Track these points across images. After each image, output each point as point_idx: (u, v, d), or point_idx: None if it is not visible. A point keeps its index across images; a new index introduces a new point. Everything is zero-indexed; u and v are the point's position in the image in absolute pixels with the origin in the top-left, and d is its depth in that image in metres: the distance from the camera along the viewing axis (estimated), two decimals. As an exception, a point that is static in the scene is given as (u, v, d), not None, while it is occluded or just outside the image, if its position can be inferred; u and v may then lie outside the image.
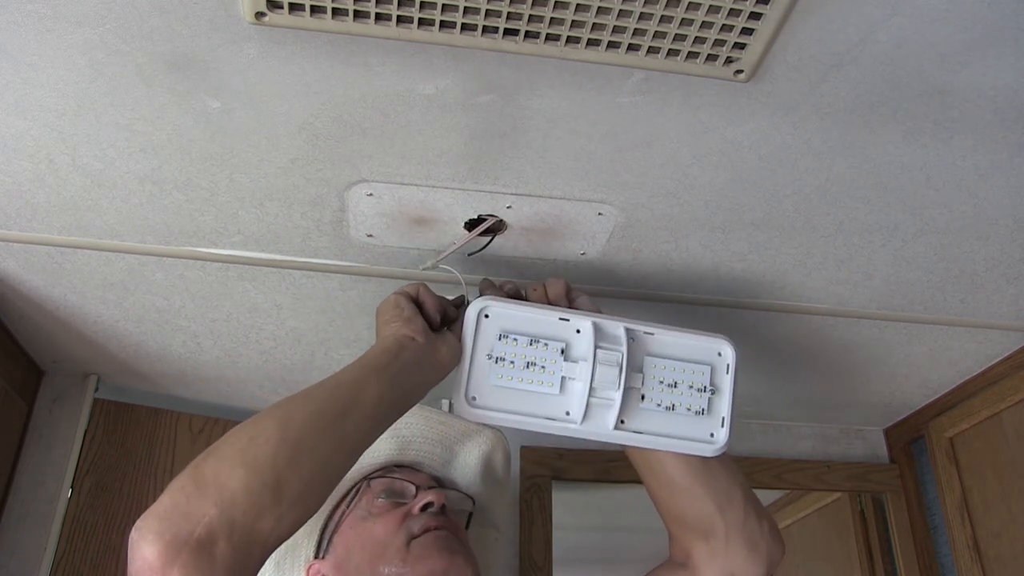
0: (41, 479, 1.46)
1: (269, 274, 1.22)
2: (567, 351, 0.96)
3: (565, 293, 1.00)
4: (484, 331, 0.96)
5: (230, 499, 0.72)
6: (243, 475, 0.73)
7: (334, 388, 0.84)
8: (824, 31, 0.79)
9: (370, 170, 0.99)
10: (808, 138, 0.93)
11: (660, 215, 1.07)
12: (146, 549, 0.69)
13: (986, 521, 1.51)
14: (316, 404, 0.81)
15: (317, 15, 0.76)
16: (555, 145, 0.95)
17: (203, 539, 0.70)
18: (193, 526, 0.70)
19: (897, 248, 1.14)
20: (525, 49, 0.80)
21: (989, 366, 1.48)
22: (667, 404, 0.96)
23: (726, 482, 0.98)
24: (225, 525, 0.71)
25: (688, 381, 0.97)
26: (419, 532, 0.96)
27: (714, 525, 0.96)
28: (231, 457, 0.75)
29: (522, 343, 0.95)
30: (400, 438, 1.09)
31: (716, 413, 0.98)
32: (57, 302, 1.30)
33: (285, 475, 0.75)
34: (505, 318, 0.96)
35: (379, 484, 1.04)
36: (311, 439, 0.78)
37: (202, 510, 0.71)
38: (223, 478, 0.73)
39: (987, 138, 0.93)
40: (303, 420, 0.79)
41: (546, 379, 0.95)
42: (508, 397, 0.95)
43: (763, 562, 0.96)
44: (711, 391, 0.98)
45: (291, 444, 0.77)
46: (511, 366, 0.95)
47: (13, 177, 1.02)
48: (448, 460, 1.12)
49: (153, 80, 0.86)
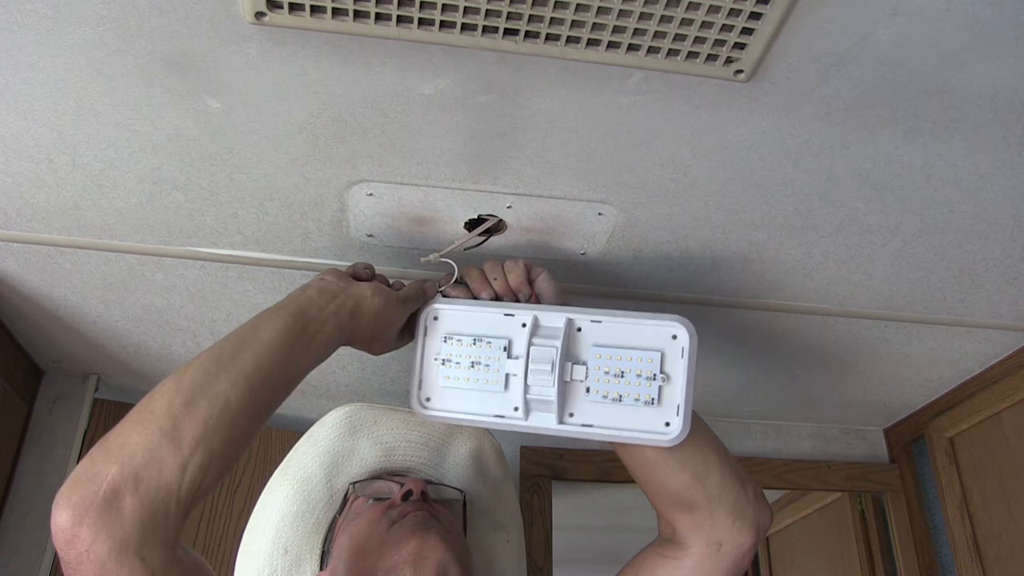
0: (41, 479, 1.46)
1: (269, 274, 1.22)
2: (510, 347, 0.95)
3: (525, 277, 0.99)
4: (431, 334, 0.99)
5: (130, 454, 0.75)
6: (141, 430, 0.76)
7: (230, 336, 0.85)
8: (824, 31, 0.79)
9: (370, 170, 0.99)
10: (808, 138, 0.93)
11: (660, 215, 1.07)
12: (58, 515, 0.72)
13: (986, 521, 1.51)
14: (212, 350, 0.83)
15: (317, 15, 0.76)
16: (555, 145, 0.95)
17: (108, 496, 0.72)
18: (97, 486, 0.73)
19: (897, 248, 1.14)
20: (525, 49, 0.80)
21: (989, 366, 1.48)
22: (613, 395, 0.93)
23: (702, 450, 0.95)
24: (129, 480, 0.73)
25: (636, 369, 0.92)
26: (398, 518, 0.96)
27: (694, 496, 0.94)
28: (132, 417, 0.78)
29: (466, 343, 0.96)
30: (383, 444, 1.09)
31: (669, 401, 0.92)
32: (57, 302, 1.30)
33: (181, 420, 0.77)
34: (451, 320, 0.98)
35: (367, 488, 1.04)
36: (204, 380, 0.80)
37: (105, 470, 0.74)
38: (123, 437, 0.76)
39: (987, 138, 0.93)
40: (198, 365, 0.81)
41: (491, 377, 0.95)
42: (457, 397, 0.97)
43: (751, 529, 0.94)
44: (662, 379, 0.92)
45: (185, 390, 0.79)
46: (456, 367, 0.96)
47: (13, 177, 1.02)
48: (437, 462, 1.12)
49: (153, 80, 0.86)
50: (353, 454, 1.08)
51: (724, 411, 1.71)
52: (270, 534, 1.02)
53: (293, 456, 1.09)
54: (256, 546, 1.02)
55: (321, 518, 1.04)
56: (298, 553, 1.01)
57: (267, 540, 1.02)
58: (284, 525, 1.02)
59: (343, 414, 1.10)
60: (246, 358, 0.83)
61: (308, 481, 1.05)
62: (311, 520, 1.03)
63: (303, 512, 1.03)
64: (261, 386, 0.83)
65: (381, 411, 1.11)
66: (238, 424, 0.81)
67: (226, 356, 0.82)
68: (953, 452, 1.60)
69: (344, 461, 1.07)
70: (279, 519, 1.03)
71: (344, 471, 1.07)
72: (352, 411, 1.10)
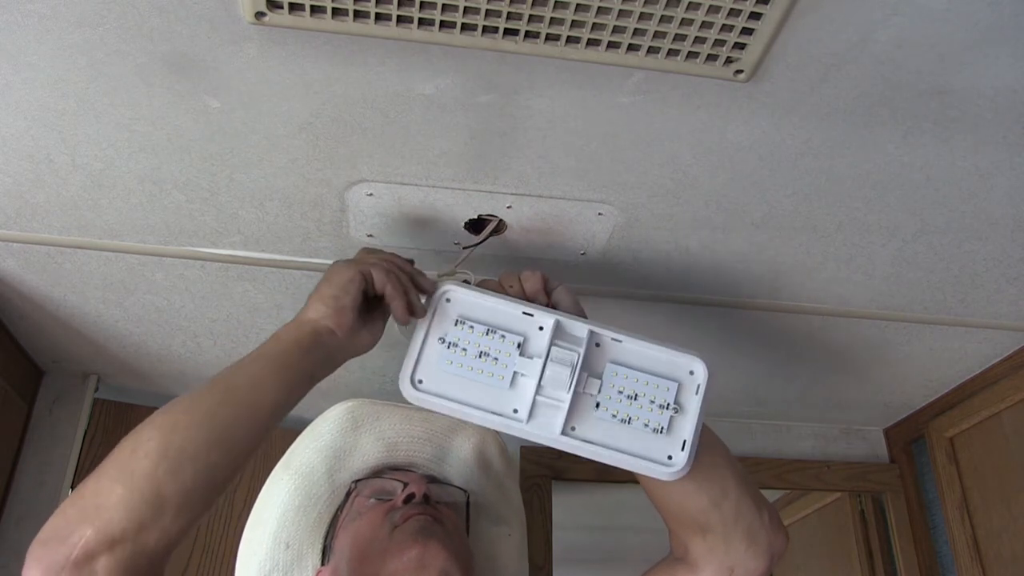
0: (41, 479, 1.46)
1: (269, 274, 1.22)
2: (524, 346, 0.90)
3: (542, 287, 0.95)
4: (441, 314, 0.92)
5: (107, 518, 0.71)
6: (121, 492, 0.72)
7: (227, 392, 0.80)
8: (824, 31, 0.79)
9: (370, 170, 0.99)
10: (808, 138, 0.93)
11: (660, 215, 1.07)
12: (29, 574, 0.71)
13: (986, 521, 1.51)
14: (204, 410, 0.78)
15: (317, 15, 0.76)
16: (555, 145, 0.95)
17: (79, 560, 0.70)
18: (70, 549, 0.70)
19: (897, 248, 1.14)
20: (525, 49, 0.80)
21: (989, 366, 1.48)
22: (623, 416, 0.89)
23: (720, 474, 0.93)
24: (104, 543, 0.71)
25: (651, 395, 0.90)
26: (400, 522, 0.95)
27: (709, 520, 0.92)
28: (110, 473, 0.74)
29: (478, 331, 0.91)
30: (385, 440, 1.08)
31: (677, 434, 0.89)
32: (57, 302, 1.30)
33: (166, 488, 0.73)
34: (466, 305, 0.92)
35: (369, 486, 1.04)
36: (194, 449, 0.75)
37: (79, 532, 0.71)
38: (101, 497, 0.72)
39: (987, 138, 0.93)
40: (187, 428, 0.76)
41: (497, 371, 0.90)
42: (455, 384, 0.91)
43: (764, 555, 0.93)
44: (675, 409, 0.89)
45: (173, 456, 0.74)
46: (463, 353, 0.91)
47: (13, 177, 1.02)
48: (440, 457, 1.11)
49: (153, 80, 0.86)
50: (355, 449, 1.07)
51: (724, 411, 1.71)
52: (271, 528, 1.02)
53: (295, 450, 1.08)
54: (258, 540, 1.02)
55: (323, 512, 1.04)
56: (300, 548, 1.01)
57: (268, 534, 1.02)
58: (286, 520, 1.02)
59: (345, 409, 1.09)
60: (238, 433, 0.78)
61: (310, 476, 1.05)
62: (313, 515, 1.03)
63: (305, 507, 1.03)
64: (248, 455, 0.80)
65: (384, 406, 1.11)
66: (221, 488, 0.79)
67: (220, 424, 0.78)
68: (953, 452, 1.59)
69: (346, 456, 1.07)
70: (281, 513, 1.02)
71: (346, 466, 1.06)
72: (355, 406, 1.10)
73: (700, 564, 0.94)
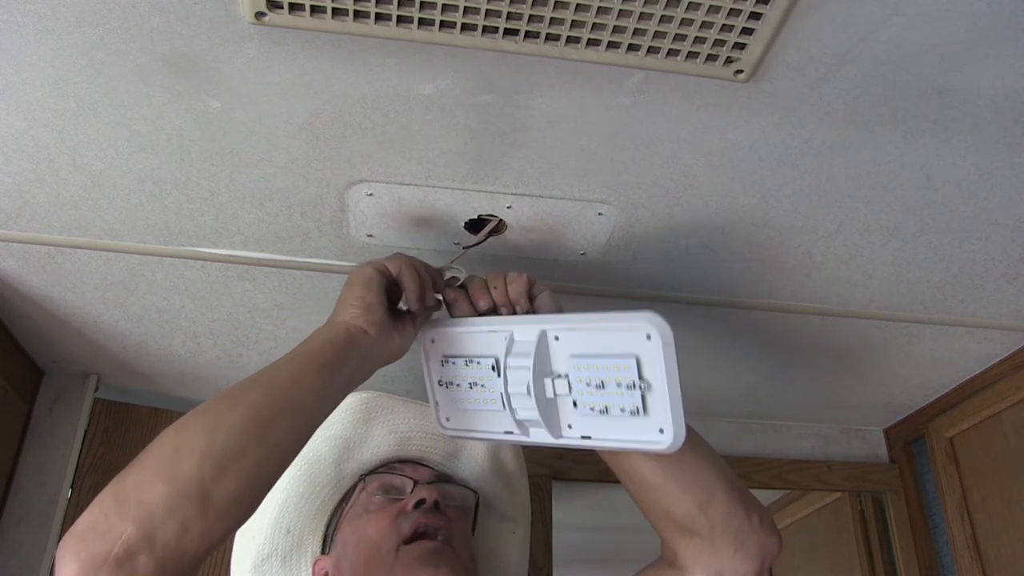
0: (41, 479, 1.46)
1: (269, 274, 1.22)
2: (498, 366, 0.90)
3: (526, 290, 0.93)
4: (431, 358, 0.96)
5: (149, 515, 0.69)
6: (164, 490, 0.70)
7: (269, 389, 0.79)
8: (824, 31, 0.79)
9: (370, 170, 0.99)
10: (808, 138, 0.93)
11: (660, 215, 1.07)
12: (64, 570, 0.67)
13: (986, 521, 1.51)
14: (247, 408, 0.76)
15: (317, 15, 0.76)
16: (555, 145, 0.95)
17: (121, 557, 0.67)
18: (111, 545, 0.67)
19: (897, 248, 1.14)
20: (525, 49, 0.80)
21: (989, 366, 1.48)
22: (600, 407, 0.86)
23: (705, 476, 0.91)
24: (144, 541, 0.68)
25: (614, 379, 0.84)
26: (408, 534, 0.94)
27: (696, 524, 0.90)
28: (153, 469, 0.72)
29: (460, 365, 0.93)
30: (398, 433, 1.08)
31: (656, 408, 0.83)
32: (57, 302, 1.30)
33: (210, 487, 0.71)
34: (445, 342, 0.95)
35: (378, 480, 1.04)
36: (239, 447, 0.74)
37: (120, 528, 0.68)
38: (143, 493, 0.70)
39: (987, 138, 0.93)
40: (231, 426, 0.74)
41: (488, 397, 0.91)
42: (469, 418, 0.94)
43: (754, 559, 0.91)
44: (643, 386, 0.83)
45: (217, 455, 0.72)
46: (459, 388, 0.93)
47: (13, 177, 1.02)
48: (452, 453, 1.11)
49: (153, 80, 0.86)
50: (366, 440, 1.07)
51: (724, 411, 1.71)
52: (273, 513, 1.02)
53: None
54: (258, 524, 1.02)
55: (327, 501, 1.03)
56: (300, 534, 1.01)
57: (269, 519, 1.01)
58: (288, 505, 1.02)
59: (359, 399, 1.08)
60: (282, 430, 0.77)
61: (316, 464, 1.04)
62: (316, 502, 1.03)
63: (308, 494, 1.03)
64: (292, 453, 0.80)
65: (398, 400, 1.10)
66: (265, 490, 0.77)
67: (263, 421, 0.76)
68: (953, 452, 1.59)
69: (356, 447, 1.07)
70: (283, 499, 1.02)
71: (355, 456, 1.06)
72: (369, 398, 1.09)
73: (689, 567, 0.93)
